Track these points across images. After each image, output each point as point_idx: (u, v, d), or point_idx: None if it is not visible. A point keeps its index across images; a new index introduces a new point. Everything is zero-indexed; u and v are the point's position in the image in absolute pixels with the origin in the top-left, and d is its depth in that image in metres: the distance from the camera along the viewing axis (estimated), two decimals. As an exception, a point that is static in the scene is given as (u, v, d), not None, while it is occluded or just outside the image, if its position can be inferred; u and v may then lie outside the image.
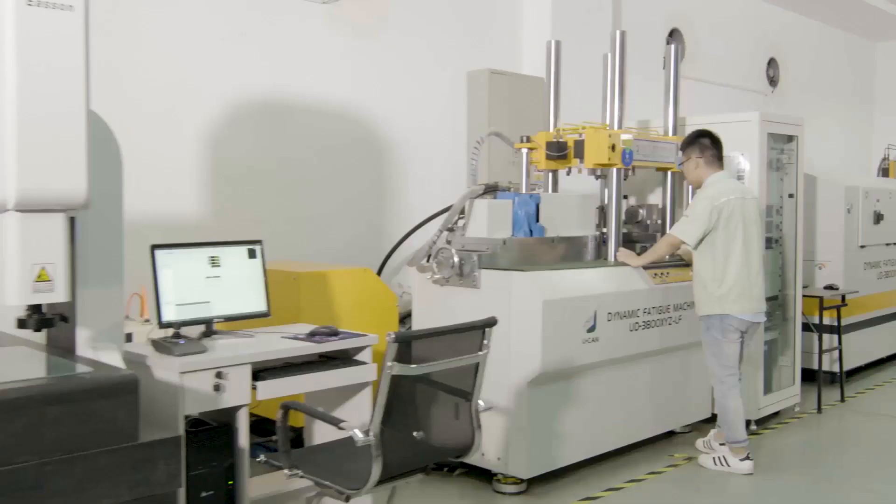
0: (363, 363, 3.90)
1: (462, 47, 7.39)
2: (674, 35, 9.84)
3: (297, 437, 4.25)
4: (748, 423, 5.89)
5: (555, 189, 5.69)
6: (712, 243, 4.90)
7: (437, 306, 4.89)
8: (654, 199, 6.19)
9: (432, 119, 7.11)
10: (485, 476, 4.74)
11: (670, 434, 5.72)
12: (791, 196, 6.32)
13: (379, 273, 6.01)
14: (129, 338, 3.85)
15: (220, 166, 5.69)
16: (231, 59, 5.74)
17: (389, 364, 2.96)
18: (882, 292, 7.88)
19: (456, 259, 4.68)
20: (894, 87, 13.42)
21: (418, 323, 5.04)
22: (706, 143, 5.04)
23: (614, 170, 5.34)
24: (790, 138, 6.27)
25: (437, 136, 7.12)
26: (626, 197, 6.42)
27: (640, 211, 5.96)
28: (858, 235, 7.45)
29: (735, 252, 4.88)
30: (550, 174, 5.68)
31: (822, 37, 12.44)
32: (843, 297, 6.85)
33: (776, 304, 6.35)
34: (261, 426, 5.21)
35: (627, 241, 5.84)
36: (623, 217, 6.02)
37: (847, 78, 13.20)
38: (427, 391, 3.44)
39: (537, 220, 5.05)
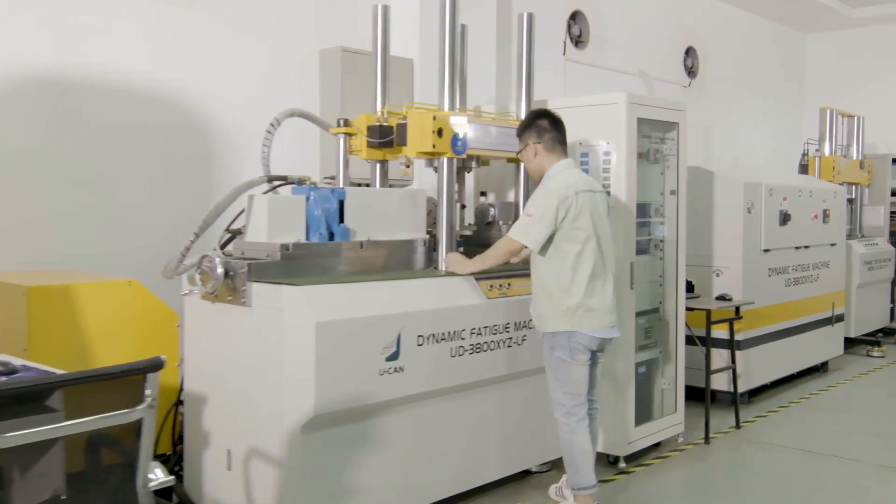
0: (54, 410, 2.91)
1: (318, 23, 6.46)
2: (576, 18, 8.97)
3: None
4: (616, 460, 5.04)
5: (384, 183, 4.76)
6: (558, 246, 4.00)
7: (209, 328, 3.93)
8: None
9: (276, 102, 6.07)
10: (262, 541, 3.79)
11: (526, 474, 4.83)
12: (673, 193, 5.45)
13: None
14: None
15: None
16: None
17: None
18: (790, 301, 7.08)
19: (220, 269, 3.72)
20: (825, 81, 12.72)
21: (190, 350, 4.08)
22: (544, 126, 4.15)
23: (444, 160, 4.41)
24: (671, 126, 5.41)
25: (285, 122, 6.15)
26: (483, 194, 5.54)
27: (492, 210, 5.05)
28: (761, 238, 6.63)
29: (587, 256, 4.01)
30: (378, 165, 4.74)
31: (748, 26, 11.68)
32: (738, 309, 6.01)
33: (656, 317, 5.49)
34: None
35: (478, 246, 4.94)
36: (465, 218, 5.13)
37: (776, 71, 12.48)
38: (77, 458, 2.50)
39: (341, 221, 4.11)
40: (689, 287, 6.54)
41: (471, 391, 4.22)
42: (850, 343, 8.84)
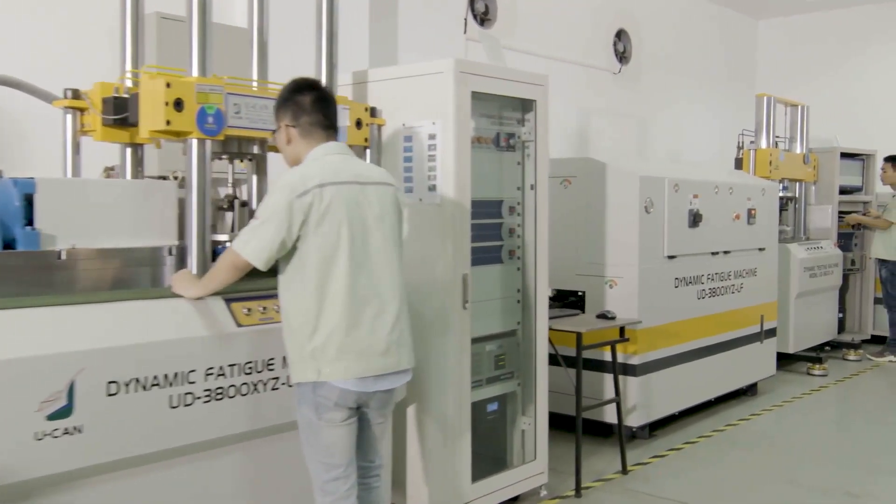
0: None
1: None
2: (482, -7, 7.91)
3: None
4: (445, 525, 3.98)
5: (137, 173, 3.69)
6: (301, 261, 2.93)
7: None
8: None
9: (76, 76, 5.03)
10: None
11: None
12: (534, 187, 4.40)
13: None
14: None
15: None
16: None
17: None
18: (704, 316, 6.04)
19: None
20: (778, 70, 11.70)
21: None
22: (304, 104, 3.07)
23: (193, 143, 3.35)
24: (529, 104, 4.36)
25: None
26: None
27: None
28: (664, 242, 5.59)
29: (338, 275, 2.90)
30: (129, 150, 3.67)
31: (690, 9, 10.66)
32: (622, 330, 4.96)
33: (513, 342, 4.44)
34: None
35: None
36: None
37: (724, 59, 11.45)
38: None
39: (30, 223, 3.04)
40: (580, 301, 5.54)
41: (208, 452, 3.14)
42: (789, 360, 7.86)
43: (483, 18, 7.92)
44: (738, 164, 8.13)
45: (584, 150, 8.67)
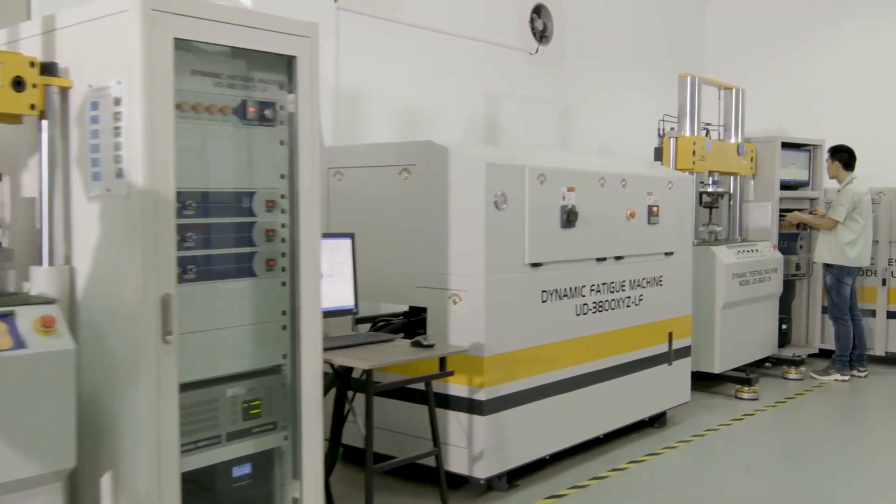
0: None
1: None
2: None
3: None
4: None
5: None
6: None
7: None
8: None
9: None
10: None
11: None
12: (284, 177, 3.30)
13: None
14: None
15: None
16: None
17: None
18: (585, 336, 4.94)
19: None
20: (727, 54, 10.60)
21: None
22: None
23: None
24: (287, 63, 3.25)
25: None
26: (-4, 177, 3.37)
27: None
28: (524, 247, 4.49)
29: None
30: None
31: (624, -16, 9.58)
32: (443, 362, 3.86)
33: (276, 381, 3.33)
34: None
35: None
36: None
37: (666, 41, 10.36)
38: None
39: None
40: (423, 319, 4.46)
41: None
42: (716, 381, 6.80)
43: (362, -14, 6.82)
44: (658, 154, 7.05)
45: (492, 141, 7.60)
